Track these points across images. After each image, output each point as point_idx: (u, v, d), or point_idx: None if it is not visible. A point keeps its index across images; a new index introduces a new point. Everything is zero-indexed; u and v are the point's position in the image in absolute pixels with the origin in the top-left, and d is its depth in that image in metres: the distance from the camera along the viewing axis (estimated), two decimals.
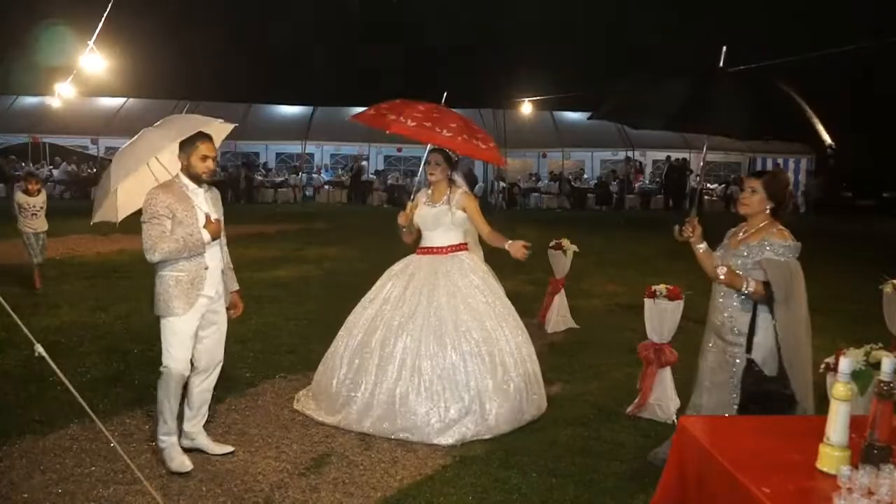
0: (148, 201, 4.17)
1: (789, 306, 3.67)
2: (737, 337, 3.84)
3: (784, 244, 3.71)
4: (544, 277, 8.43)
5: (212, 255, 4.34)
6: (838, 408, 2.46)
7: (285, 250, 13.64)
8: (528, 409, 5.10)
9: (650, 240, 15.58)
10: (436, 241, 5.29)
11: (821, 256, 12.93)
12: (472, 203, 5.27)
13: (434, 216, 5.25)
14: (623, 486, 4.21)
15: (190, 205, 4.23)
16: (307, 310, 8.48)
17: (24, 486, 4.07)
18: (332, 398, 5.10)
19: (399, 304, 5.10)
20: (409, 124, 5.10)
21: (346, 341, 5.20)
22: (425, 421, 4.81)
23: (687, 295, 5.39)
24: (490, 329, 5.05)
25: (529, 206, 26.45)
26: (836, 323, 8.06)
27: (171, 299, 4.22)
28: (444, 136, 5.03)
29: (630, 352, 6.20)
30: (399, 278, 5.26)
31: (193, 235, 4.17)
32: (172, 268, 4.22)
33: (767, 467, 2.48)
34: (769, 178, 3.90)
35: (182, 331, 4.27)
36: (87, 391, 5.00)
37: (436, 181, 5.29)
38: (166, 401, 4.29)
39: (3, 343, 6.59)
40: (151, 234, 4.12)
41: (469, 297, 5.09)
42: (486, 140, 5.35)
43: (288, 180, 26.80)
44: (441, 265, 5.20)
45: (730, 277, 3.73)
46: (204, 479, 4.22)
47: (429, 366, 4.89)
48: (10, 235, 13.99)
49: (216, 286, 4.39)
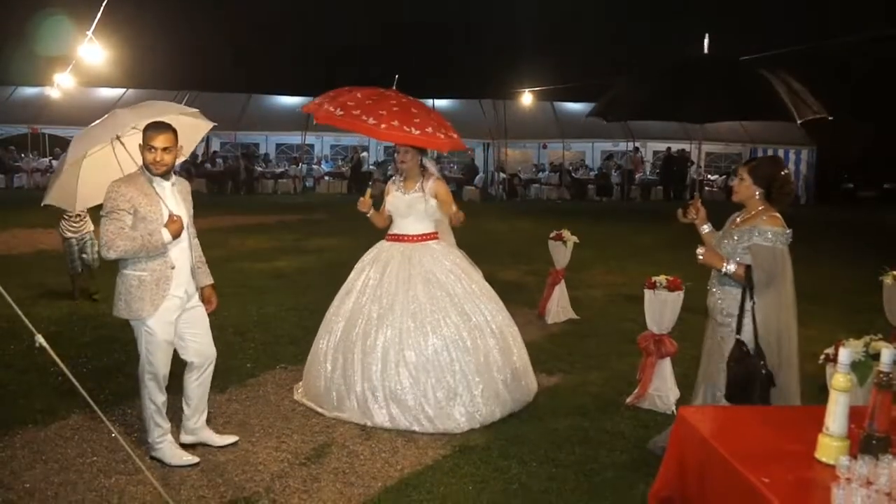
0: (108, 194, 3.97)
1: (772, 291, 3.74)
2: (725, 318, 3.90)
3: (773, 230, 3.74)
4: (545, 268, 8.43)
5: (178, 253, 4.13)
6: (838, 398, 2.47)
7: (285, 241, 13.64)
8: (515, 389, 5.11)
9: (650, 230, 15.59)
10: (407, 228, 5.26)
11: (821, 247, 12.99)
12: (443, 188, 5.26)
13: (407, 203, 5.22)
14: (623, 476, 4.22)
15: (154, 199, 4.00)
16: (307, 300, 8.48)
17: (25, 475, 4.08)
18: (324, 397, 5.11)
19: (376, 294, 5.08)
20: (338, 113, 4.98)
21: (326, 339, 5.19)
22: (418, 410, 4.83)
23: (687, 286, 5.39)
24: (469, 312, 5.06)
25: (530, 197, 26.40)
26: (836, 313, 8.07)
27: (133, 300, 4.03)
28: (369, 123, 4.89)
29: (630, 342, 6.21)
30: (373, 268, 5.23)
31: (154, 234, 3.94)
32: (135, 266, 4.03)
33: (767, 457, 2.49)
34: (754, 164, 3.99)
35: (161, 337, 4.11)
36: (88, 381, 5.02)
37: (407, 168, 5.25)
38: (153, 405, 4.21)
39: (5, 334, 6.60)
40: (109, 229, 3.91)
41: (445, 284, 5.09)
42: (422, 125, 5.01)
43: (288, 171, 26.76)
44: (413, 253, 5.18)
45: (708, 257, 3.83)
46: (205, 468, 4.24)
47: (413, 355, 4.90)
48: (9, 226, 14.07)
49: (185, 286, 4.19)
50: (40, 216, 15.29)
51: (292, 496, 3.96)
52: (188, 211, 4.25)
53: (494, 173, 26.46)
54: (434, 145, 5.14)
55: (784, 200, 3.88)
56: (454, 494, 4.01)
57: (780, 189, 3.86)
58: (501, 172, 26.19)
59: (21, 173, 25.52)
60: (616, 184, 26.52)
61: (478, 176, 26.30)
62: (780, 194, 3.86)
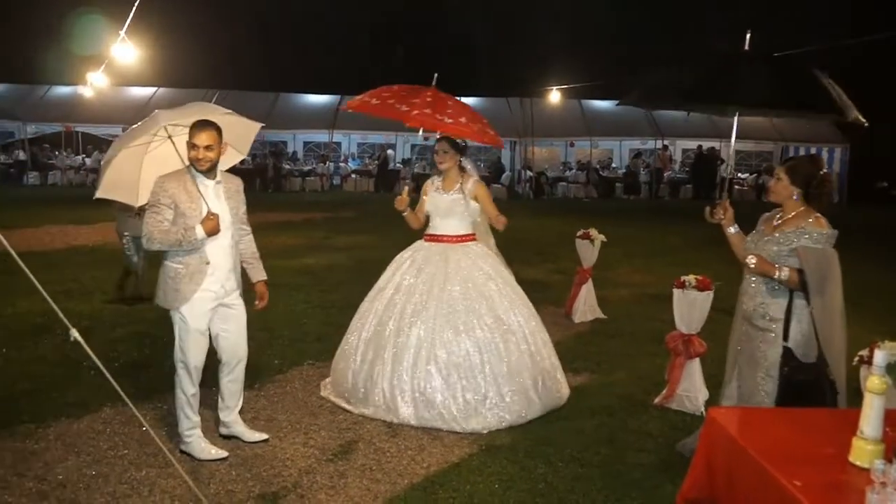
0: (153, 189, 4.12)
1: (823, 294, 3.61)
2: (768, 323, 3.77)
3: (821, 232, 3.64)
4: (572, 267, 8.39)
5: (216, 250, 4.21)
6: (872, 401, 2.43)
7: (313, 238, 13.73)
8: (545, 395, 5.10)
9: (679, 230, 15.45)
10: (446, 229, 5.27)
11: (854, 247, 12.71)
12: (483, 190, 5.27)
13: (448, 204, 5.23)
14: (650, 477, 4.19)
15: (195, 196, 4.10)
16: (335, 297, 8.53)
17: (58, 467, 4.15)
18: (351, 392, 5.13)
19: (411, 292, 5.09)
20: (373, 102, 5.10)
21: (358, 333, 5.21)
22: (446, 409, 4.83)
23: (716, 285, 5.33)
24: (503, 316, 5.06)
25: (557, 195, 26.30)
26: (871, 315, 7.94)
27: (168, 291, 4.18)
28: (402, 110, 4.95)
29: (658, 342, 6.16)
30: (409, 266, 5.25)
31: (188, 231, 4.04)
32: (173, 258, 4.16)
33: (799, 460, 2.46)
34: (792, 164, 3.88)
35: (193, 327, 4.21)
36: (119, 376, 5.05)
37: (446, 169, 5.26)
38: (183, 396, 4.30)
39: (39, 329, 6.72)
40: (149, 221, 4.07)
41: (481, 285, 5.09)
42: (455, 115, 5.11)
43: (315, 169, 26.93)
44: (451, 254, 5.19)
45: (761, 266, 3.67)
46: (234, 463, 4.28)
47: (444, 354, 4.90)
48: (44, 223, 14.32)
49: (222, 282, 4.26)
50: (74, 213, 15.63)
51: (319, 492, 3.98)
52: (234, 209, 4.31)
53: (521, 171, 26.41)
54: (465, 134, 5.19)
55: (823, 201, 3.75)
56: (480, 493, 4.01)
57: (819, 189, 3.73)
58: (528, 171, 26.12)
59: (55, 171, 25.99)
60: (644, 182, 26.31)
61: (504, 174, 26.26)
62: (818, 194, 3.74)
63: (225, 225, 4.19)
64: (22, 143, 26.06)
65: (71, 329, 3.13)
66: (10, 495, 3.83)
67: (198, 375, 4.31)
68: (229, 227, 4.26)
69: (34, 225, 13.99)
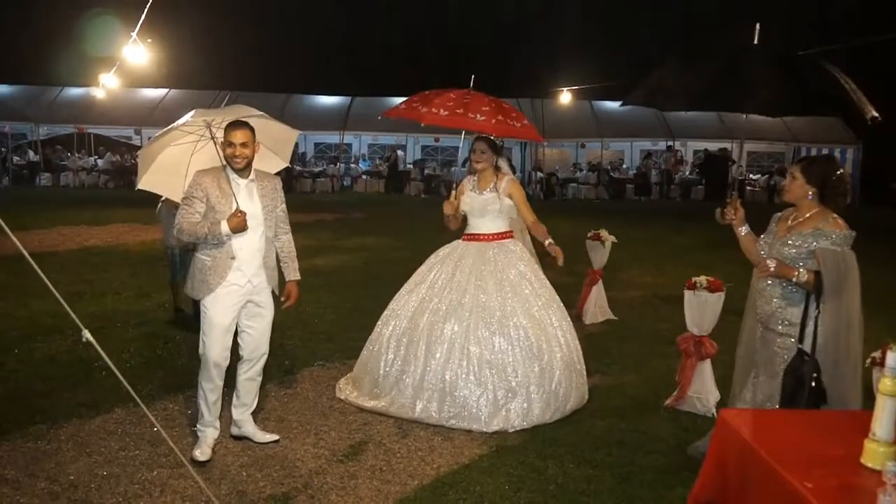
0: (190, 182, 4.32)
1: (841, 297, 3.55)
2: (787, 328, 3.72)
3: (840, 233, 3.58)
4: (582, 268, 8.37)
5: (243, 245, 4.30)
6: (885, 403, 2.42)
7: (323, 239, 13.74)
8: (572, 397, 5.11)
9: (690, 231, 15.39)
10: (482, 228, 5.30)
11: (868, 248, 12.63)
12: (518, 190, 5.30)
13: (482, 203, 5.25)
14: (661, 479, 4.18)
15: (227, 194, 4.23)
16: (345, 298, 8.54)
17: (70, 468, 4.18)
18: (378, 383, 5.13)
19: (446, 289, 5.12)
20: (442, 113, 5.12)
21: (392, 325, 5.23)
22: (475, 405, 4.83)
23: (728, 287, 5.31)
24: (537, 317, 5.07)
25: (567, 196, 26.25)
26: (884, 317, 7.87)
27: (196, 282, 4.35)
28: (479, 120, 5.03)
29: (669, 344, 6.14)
30: (445, 264, 5.27)
31: (215, 225, 4.18)
32: (202, 251, 4.33)
33: (810, 462, 2.45)
34: (807, 163, 3.82)
35: (217, 321, 4.30)
36: (131, 376, 5.10)
37: (482, 169, 5.30)
38: (201, 390, 4.39)
39: (51, 329, 6.76)
40: (182, 213, 4.26)
41: (516, 285, 5.11)
42: (519, 118, 5.31)
43: (326, 170, 26.98)
44: (488, 252, 5.21)
45: (780, 269, 3.61)
46: (245, 464, 4.30)
47: (477, 351, 4.91)
48: (56, 224, 14.41)
49: (248, 277, 4.35)
50: (86, 214, 15.73)
51: (330, 493, 3.99)
52: (268, 207, 4.43)
53: (532, 172, 26.38)
54: (534, 137, 5.48)
55: (838, 201, 3.70)
56: (491, 494, 4.01)
57: (834, 189, 3.68)
58: (539, 172, 26.09)
59: (67, 172, 26.13)
60: (655, 183, 26.22)
61: (515, 175, 26.20)
62: (833, 195, 3.68)
63: (255, 223, 4.30)
64: (34, 145, 26.23)
65: (83, 330, 3.14)
66: (21, 495, 3.85)
67: (219, 373, 4.37)
68: (260, 224, 4.36)
69: (47, 226, 14.08)
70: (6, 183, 24.78)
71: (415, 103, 5.33)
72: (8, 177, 25.15)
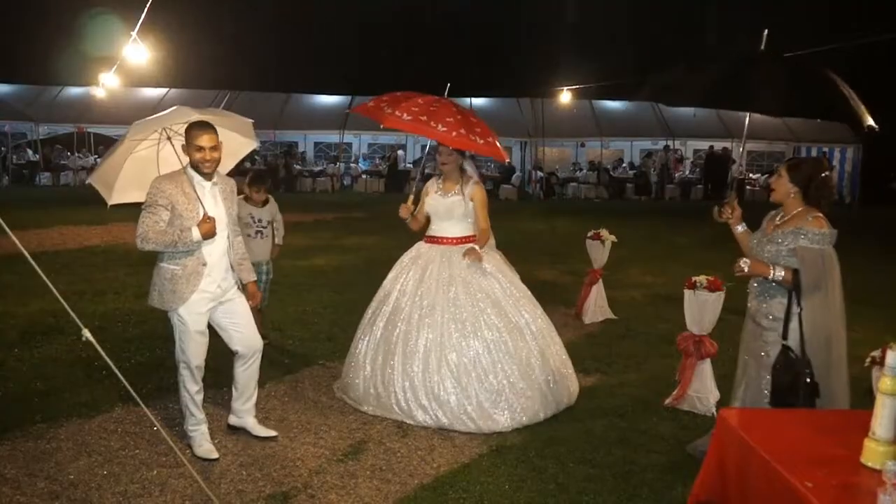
0: (150, 189, 4.10)
1: (819, 294, 3.64)
2: (771, 323, 3.81)
3: (819, 232, 3.66)
4: (582, 268, 8.38)
5: (212, 250, 4.23)
6: (885, 402, 2.42)
7: (324, 239, 13.75)
8: (562, 391, 5.11)
9: (689, 230, 15.39)
10: (446, 231, 5.27)
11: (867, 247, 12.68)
12: (480, 195, 5.26)
13: (447, 207, 5.23)
14: (661, 478, 4.18)
15: (193, 199, 4.11)
16: (345, 298, 8.54)
17: (70, 467, 4.18)
18: (363, 398, 5.13)
19: (416, 297, 5.09)
20: (405, 118, 4.98)
21: (366, 340, 5.21)
22: (460, 410, 4.83)
23: (727, 286, 5.31)
24: (510, 315, 5.06)
25: (567, 195, 26.24)
26: (883, 315, 7.88)
27: (165, 292, 4.18)
28: (439, 130, 4.88)
29: (668, 343, 6.14)
30: (412, 270, 5.24)
31: (184, 232, 4.05)
32: (170, 260, 4.17)
33: (810, 461, 2.45)
34: (795, 162, 3.91)
35: (192, 328, 4.22)
36: (130, 376, 5.10)
37: (448, 171, 5.27)
38: (187, 394, 4.34)
39: (51, 329, 6.76)
40: (145, 222, 4.05)
41: (485, 285, 5.09)
42: (484, 134, 5.08)
43: (326, 169, 26.97)
44: (453, 256, 5.18)
45: (754, 268, 3.72)
46: (244, 463, 4.30)
47: (454, 356, 4.90)
48: (56, 223, 14.39)
49: (218, 282, 4.28)
50: (87, 214, 15.70)
51: (330, 492, 3.99)
52: (228, 210, 4.34)
53: (532, 172, 26.37)
54: (496, 155, 5.27)
55: (822, 202, 3.77)
56: (491, 493, 4.01)
57: (818, 190, 3.75)
58: (539, 171, 26.08)
59: (67, 171, 26.11)
60: (654, 182, 26.20)
61: (515, 175, 26.22)
62: (816, 195, 3.76)
63: (221, 226, 4.23)
64: (34, 144, 26.23)
65: (83, 329, 3.14)
66: (21, 495, 3.85)
67: (200, 374, 4.35)
68: (225, 228, 4.30)
69: (47, 225, 14.07)
70: (6, 182, 24.75)
71: (383, 103, 5.19)
72: (8, 176, 25.13)
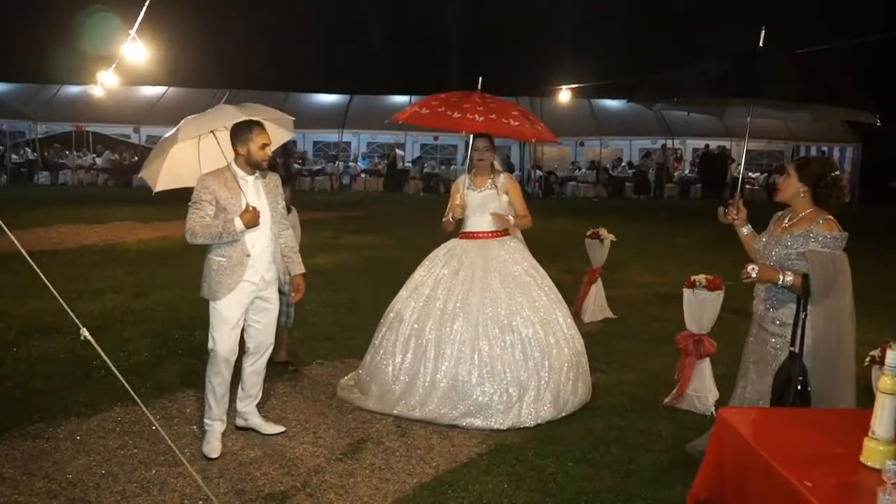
0: (196, 187, 4.33)
1: (830, 299, 3.55)
2: (779, 328, 3.74)
3: (830, 235, 3.57)
4: (581, 267, 8.38)
5: (255, 242, 4.38)
6: (884, 401, 2.41)
7: (322, 238, 13.73)
8: (580, 392, 5.13)
9: (688, 229, 15.39)
10: (481, 226, 5.29)
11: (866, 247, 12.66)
12: (515, 187, 5.33)
13: (481, 201, 5.25)
14: (660, 477, 4.18)
15: (236, 192, 4.30)
16: (344, 297, 8.54)
17: (68, 466, 4.17)
18: (387, 386, 5.09)
19: (451, 288, 5.10)
20: (423, 111, 5.09)
21: (398, 329, 5.18)
22: (488, 402, 4.83)
23: (727, 285, 5.31)
24: (544, 314, 5.08)
25: (566, 194, 26.25)
26: (882, 315, 7.88)
27: (212, 283, 4.35)
28: (466, 118, 4.99)
29: (667, 342, 6.13)
30: (447, 263, 5.25)
31: (228, 223, 4.23)
32: (216, 252, 4.35)
33: (809, 460, 2.45)
34: (804, 161, 3.84)
35: (226, 317, 4.36)
36: (129, 375, 5.11)
37: (485, 164, 5.31)
38: (210, 384, 4.42)
39: (49, 328, 6.75)
40: (192, 217, 4.27)
41: (521, 282, 5.11)
42: (520, 118, 5.27)
43: (325, 168, 26.96)
44: (489, 250, 5.21)
45: (763, 273, 3.61)
46: (243, 462, 4.29)
47: (487, 348, 4.90)
48: (55, 222, 14.39)
49: (261, 273, 4.43)
50: (85, 212, 15.71)
51: (328, 491, 3.99)
52: (272, 203, 4.49)
53: (531, 171, 26.37)
54: (542, 137, 5.39)
55: (831, 203, 3.68)
56: (489, 492, 4.00)
57: (828, 190, 3.66)
58: (538, 170, 26.08)
59: (66, 170, 26.11)
60: (653, 181, 26.21)
61: (514, 173, 26.22)
62: (826, 195, 3.66)
63: (264, 219, 4.37)
64: (33, 143, 26.20)
65: (81, 328, 3.14)
66: (20, 494, 3.84)
67: (228, 367, 4.41)
68: (268, 220, 4.44)
69: (45, 224, 14.05)
70: (4, 181, 24.76)
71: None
72: (6, 175, 25.12)
